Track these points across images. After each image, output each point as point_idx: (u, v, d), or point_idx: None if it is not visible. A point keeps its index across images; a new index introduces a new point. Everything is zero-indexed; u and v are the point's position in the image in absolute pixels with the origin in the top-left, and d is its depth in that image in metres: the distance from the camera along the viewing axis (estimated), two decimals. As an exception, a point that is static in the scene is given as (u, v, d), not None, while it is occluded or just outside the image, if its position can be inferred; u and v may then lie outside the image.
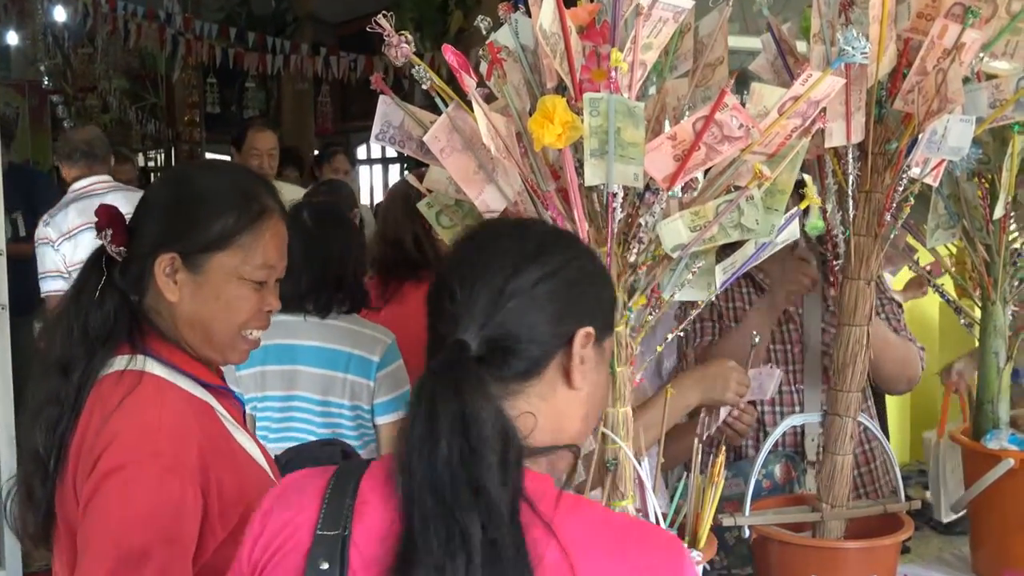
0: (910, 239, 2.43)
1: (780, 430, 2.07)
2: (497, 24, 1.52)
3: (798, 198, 1.61)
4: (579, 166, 1.44)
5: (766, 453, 2.05)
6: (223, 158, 5.85)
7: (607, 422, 1.55)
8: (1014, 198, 2.11)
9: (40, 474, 1.50)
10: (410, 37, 1.47)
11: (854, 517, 2.02)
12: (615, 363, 1.52)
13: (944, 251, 2.29)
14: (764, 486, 2.44)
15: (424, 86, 1.48)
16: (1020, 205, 2.14)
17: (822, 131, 1.72)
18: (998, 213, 2.10)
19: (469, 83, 1.42)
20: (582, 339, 1.16)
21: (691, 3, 1.46)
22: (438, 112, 1.49)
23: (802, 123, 1.48)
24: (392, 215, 3.18)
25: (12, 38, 10.27)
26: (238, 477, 1.50)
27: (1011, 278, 2.19)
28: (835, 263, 1.95)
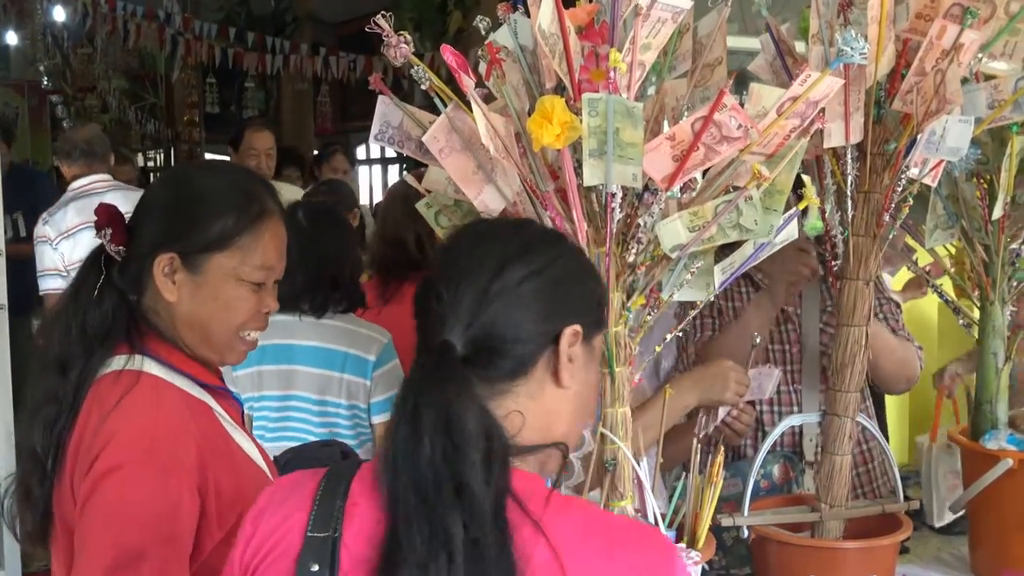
0: (909, 239, 2.43)
1: (779, 430, 2.07)
2: (496, 24, 1.52)
3: (797, 198, 1.61)
4: (578, 166, 1.44)
5: (764, 453, 2.05)
6: (222, 158, 5.84)
7: (606, 422, 1.55)
8: (1013, 198, 2.11)
9: (38, 473, 1.50)
10: (409, 37, 1.47)
11: (853, 517, 2.03)
12: (613, 363, 1.52)
13: (943, 251, 2.29)
14: (762, 486, 2.44)
15: (423, 86, 1.48)
16: (1019, 206, 2.14)
17: (821, 131, 1.72)
18: (997, 213, 2.10)
19: (468, 83, 1.42)
20: (569, 337, 1.16)
21: (690, 3, 1.46)
22: (437, 112, 1.49)
23: (801, 123, 1.48)
24: (392, 215, 3.18)
25: (11, 38, 10.27)
26: (236, 477, 1.50)
27: (1009, 278, 2.19)
28: (834, 263, 1.95)
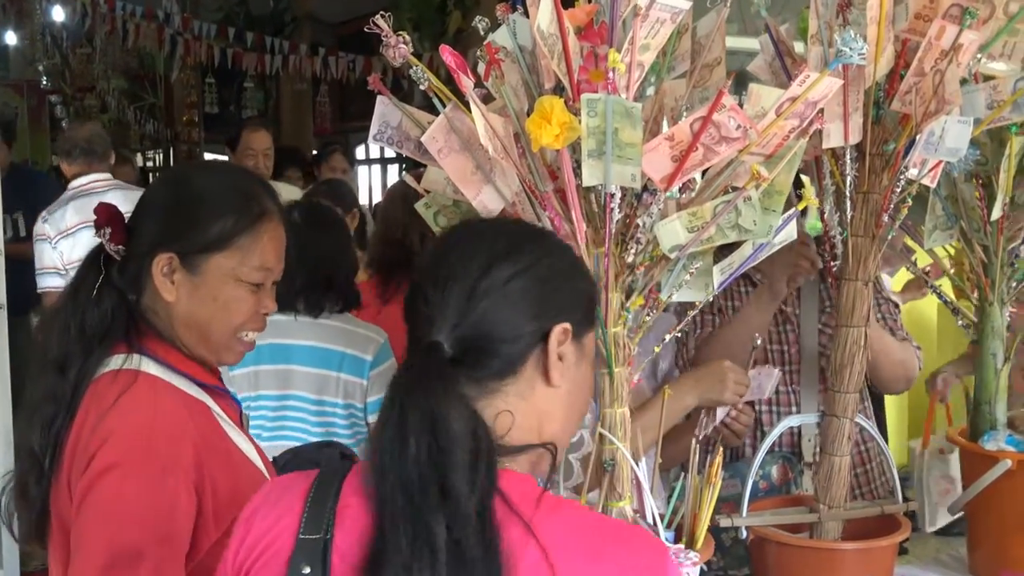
0: (908, 240, 2.43)
1: (777, 431, 2.07)
2: (495, 25, 1.51)
3: (799, 198, 1.61)
4: (577, 167, 1.44)
5: (763, 454, 2.05)
6: (222, 158, 5.84)
7: (605, 423, 1.55)
8: (1011, 199, 2.11)
9: (35, 472, 1.50)
10: (408, 38, 1.46)
11: (851, 518, 2.03)
12: (612, 363, 1.52)
13: (942, 252, 2.29)
14: (761, 487, 2.44)
15: (422, 86, 1.47)
16: (1017, 206, 2.14)
17: (820, 132, 1.72)
18: (996, 214, 2.10)
19: (467, 84, 1.42)
20: (558, 335, 1.15)
21: (689, 4, 1.46)
22: (436, 113, 1.49)
23: (800, 124, 1.48)
24: (392, 215, 3.18)
25: (10, 38, 10.26)
26: (233, 477, 1.50)
27: (1008, 279, 2.19)
28: (832, 264, 1.95)
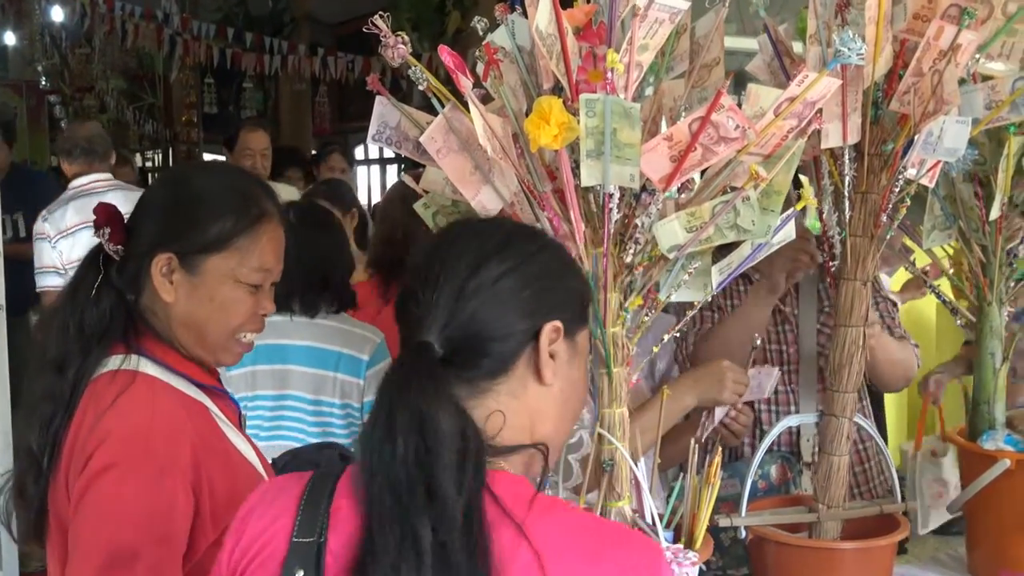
0: (906, 240, 2.43)
1: (776, 431, 2.07)
2: (494, 25, 1.52)
3: (798, 197, 1.61)
4: (575, 167, 1.44)
5: (762, 454, 2.05)
6: (220, 159, 5.83)
7: (603, 423, 1.55)
8: (1010, 199, 2.11)
9: (33, 472, 1.50)
10: (407, 38, 1.46)
11: (850, 518, 2.03)
12: (611, 364, 1.52)
13: (941, 252, 2.30)
14: (760, 487, 2.44)
15: (421, 87, 1.48)
16: (1016, 206, 2.15)
17: (818, 132, 1.72)
18: (994, 214, 2.10)
19: (465, 84, 1.42)
20: (550, 333, 1.14)
21: (687, 4, 1.46)
22: (435, 113, 1.49)
23: (798, 124, 1.48)
24: (392, 215, 3.18)
25: (9, 38, 10.26)
26: (231, 477, 1.50)
27: (1007, 279, 2.19)
28: (831, 264, 1.95)
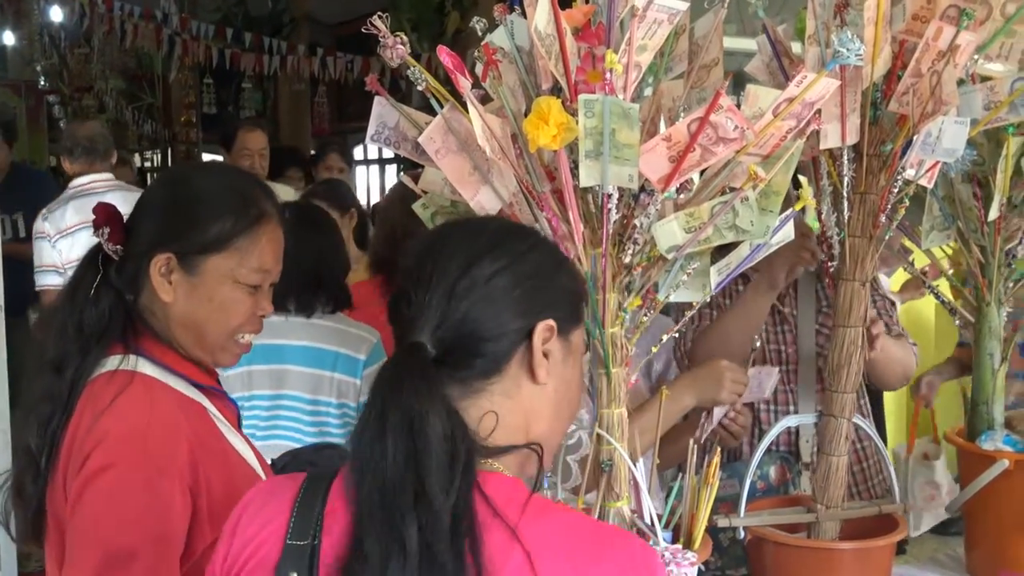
0: (905, 241, 2.44)
1: (774, 432, 2.07)
2: (493, 25, 1.52)
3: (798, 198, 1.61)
4: (574, 167, 1.44)
5: (761, 454, 2.05)
6: (219, 159, 5.84)
7: (602, 423, 1.55)
8: (1008, 200, 2.12)
9: (31, 471, 1.50)
10: (406, 38, 1.46)
11: (849, 518, 2.03)
12: (609, 364, 1.52)
13: (939, 253, 2.30)
14: (759, 487, 2.44)
15: (420, 87, 1.48)
16: (1014, 207, 2.15)
17: (817, 132, 1.72)
18: (993, 215, 2.10)
19: (464, 84, 1.42)
20: (543, 332, 1.14)
21: (686, 4, 1.46)
22: (434, 113, 1.49)
23: (797, 124, 1.48)
24: (392, 216, 3.17)
25: (8, 38, 10.27)
26: (229, 478, 1.50)
27: (1005, 279, 2.19)
28: (830, 264, 1.95)
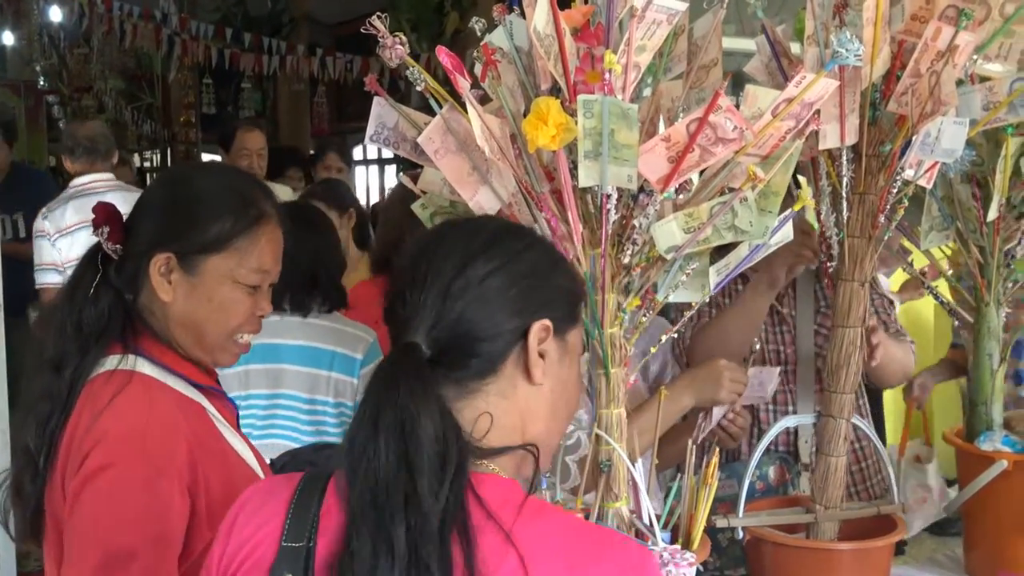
0: (904, 241, 2.44)
1: (773, 432, 2.07)
2: (492, 26, 1.52)
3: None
4: (573, 168, 1.44)
5: (759, 454, 2.05)
6: (219, 159, 5.84)
7: (601, 424, 1.55)
8: (1007, 200, 2.12)
9: (30, 470, 1.50)
10: (405, 38, 1.47)
11: (848, 518, 2.03)
12: (608, 364, 1.52)
13: (939, 253, 2.30)
14: (758, 487, 2.44)
15: (419, 87, 1.48)
16: (1013, 207, 2.15)
17: (816, 133, 1.72)
18: (992, 215, 2.10)
19: (463, 85, 1.42)
20: (539, 332, 1.13)
21: (685, 5, 1.47)
22: (433, 114, 1.49)
23: (796, 125, 1.48)
24: (393, 216, 3.18)
25: (8, 38, 10.28)
26: (227, 478, 1.50)
27: (1004, 280, 2.19)
28: (829, 265, 1.95)
